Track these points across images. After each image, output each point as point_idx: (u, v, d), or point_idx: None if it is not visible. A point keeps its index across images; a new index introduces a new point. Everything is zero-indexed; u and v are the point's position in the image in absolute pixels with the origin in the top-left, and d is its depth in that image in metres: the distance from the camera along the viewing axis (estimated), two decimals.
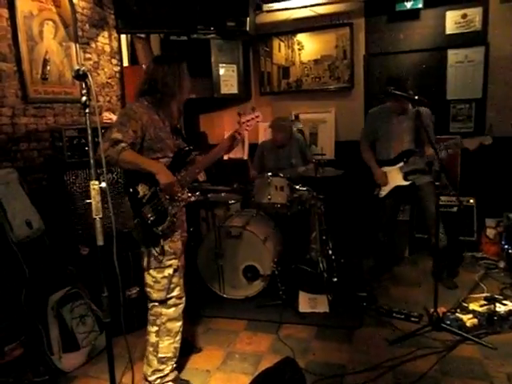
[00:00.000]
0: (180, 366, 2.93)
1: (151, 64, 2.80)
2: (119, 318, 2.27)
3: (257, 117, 2.95)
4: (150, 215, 2.59)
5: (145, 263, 2.71)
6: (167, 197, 2.63)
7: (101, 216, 1.93)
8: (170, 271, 2.69)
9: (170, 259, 2.69)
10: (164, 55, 3.85)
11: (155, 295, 2.71)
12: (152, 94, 2.65)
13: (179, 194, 2.71)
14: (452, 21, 4.94)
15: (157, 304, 2.73)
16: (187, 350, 3.15)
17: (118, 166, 2.57)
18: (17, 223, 3.06)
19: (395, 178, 3.97)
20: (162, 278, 2.68)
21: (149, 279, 2.71)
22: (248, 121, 2.93)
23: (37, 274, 3.12)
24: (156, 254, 2.65)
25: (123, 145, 2.44)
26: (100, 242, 1.95)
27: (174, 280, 2.72)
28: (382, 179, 4.03)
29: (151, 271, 2.69)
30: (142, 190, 2.60)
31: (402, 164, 3.91)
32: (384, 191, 4.06)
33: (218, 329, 3.59)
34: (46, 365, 3.00)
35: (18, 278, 3.04)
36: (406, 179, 3.92)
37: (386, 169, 4.03)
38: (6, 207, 3.02)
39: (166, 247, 2.66)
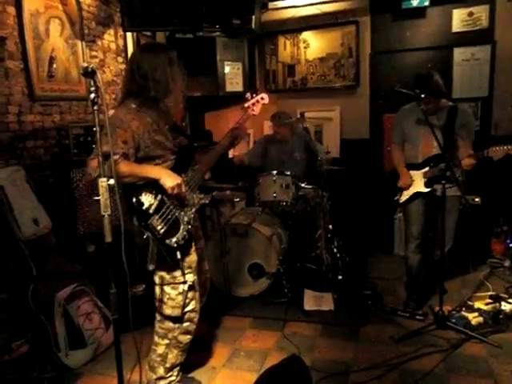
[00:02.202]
0: (186, 364, 2.91)
1: (136, 54, 2.53)
2: (125, 314, 2.27)
3: (262, 99, 2.85)
4: (159, 227, 2.33)
5: (156, 278, 2.52)
6: (176, 203, 2.41)
7: (109, 213, 1.93)
8: (185, 287, 2.49)
9: (186, 274, 2.49)
10: (151, 44, 3.56)
11: (168, 311, 2.53)
12: (143, 94, 2.36)
13: (190, 198, 2.50)
14: (458, 19, 4.92)
15: (169, 320, 2.56)
16: (193, 346, 3.16)
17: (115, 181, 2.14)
18: (24, 221, 3.07)
19: (417, 183, 3.62)
20: (177, 294, 2.49)
21: (161, 295, 2.52)
22: (253, 104, 2.83)
23: (43, 271, 3.14)
24: (169, 268, 2.45)
25: (115, 157, 2.10)
26: (108, 239, 1.95)
27: (190, 295, 2.54)
28: (405, 182, 3.64)
29: (165, 287, 2.50)
30: (146, 199, 2.30)
31: (426, 169, 3.56)
32: (404, 196, 3.69)
33: (223, 326, 3.60)
34: (53, 361, 3.00)
35: (25, 275, 3.06)
36: (426, 186, 3.55)
37: (411, 173, 3.67)
38: (13, 205, 3.03)
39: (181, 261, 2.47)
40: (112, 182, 1.90)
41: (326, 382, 2.78)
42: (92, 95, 1.86)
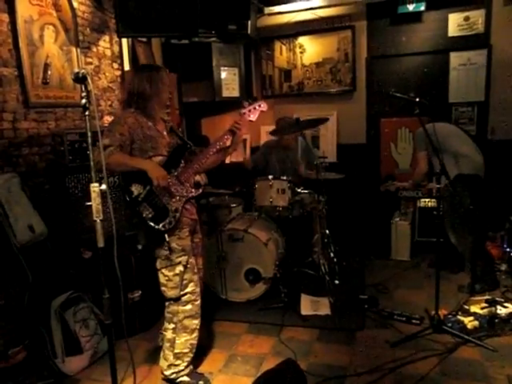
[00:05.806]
0: None
1: (130, 73, 2.93)
2: (122, 321, 2.27)
3: (260, 106, 2.96)
4: (147, 212, 2.68)
5: (157, 263, 2.78)
6: (165, 193, 2.70)
7: (101, 218, 1.93)
8: (180, 268, 2.75)
9: (179, 256, 2.74)
10: (142, 65, 3.95)
11: (169, 293, 2.78)
12: (132, 100, 2.75)
13: (179, 190, 2.76)
14: (454, 23, 4.95)
15: (172, 302, 2.80)
16: None
17: (110, 170, 2.60)
18: (19, 228, 3.06)
19: None
20: (174, 275, 2.75)
21: (162, 278, 2.79)
22: (250, 111, 2.94)
23: (40, 278, 3.13)
24: (166, 253, 2.71)
25: (111, 148, 2.54)
26: (100, 244, 1.96)
27: (187, 276, 2.78)
28: None
29: (163, 270, 2.76)
30: (135, 189, 2.68)
31: None
32: None
33: (220, 331, 3.59)
34: (50, 368, 3.01)
35: (21, 282, 3.06)
36: None
37: None
38: (9, 212, 3.02)
39: (174, 244, 2.72)
40: (104, 187, 1.91)
41: None
42: (83, 101, 1.87)
